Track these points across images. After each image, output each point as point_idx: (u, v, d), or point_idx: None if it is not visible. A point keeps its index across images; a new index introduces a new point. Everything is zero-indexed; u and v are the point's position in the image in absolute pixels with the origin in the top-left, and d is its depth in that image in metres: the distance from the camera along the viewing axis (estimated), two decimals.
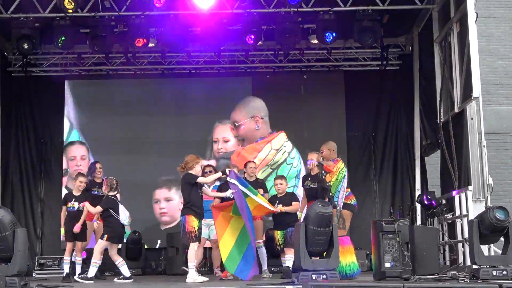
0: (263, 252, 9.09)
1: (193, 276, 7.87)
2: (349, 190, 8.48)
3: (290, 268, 8.00)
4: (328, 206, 7.13)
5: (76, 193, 8.95)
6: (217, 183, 8.94)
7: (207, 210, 8.39)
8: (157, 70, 12.54)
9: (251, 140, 12.13)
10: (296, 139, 12.14)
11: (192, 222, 7.89)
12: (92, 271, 8.35)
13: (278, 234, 8.50)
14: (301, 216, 8.50)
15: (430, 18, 10.30)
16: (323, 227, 7.12)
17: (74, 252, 9.04)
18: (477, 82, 8.21)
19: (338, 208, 8.22)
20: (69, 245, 8.91)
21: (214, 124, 12.31)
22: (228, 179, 8.22)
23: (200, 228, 8.01)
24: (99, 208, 8.48)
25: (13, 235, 7.02)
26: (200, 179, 8.04)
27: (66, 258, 8.97)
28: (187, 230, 7.87)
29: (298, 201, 8.54)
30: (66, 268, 8.94)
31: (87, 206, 8.62)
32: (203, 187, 8.17)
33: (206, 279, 8.05)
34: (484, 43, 12.78)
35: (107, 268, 10.28)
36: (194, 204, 7.97)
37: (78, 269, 8.99)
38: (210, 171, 9.26)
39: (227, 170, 8.28)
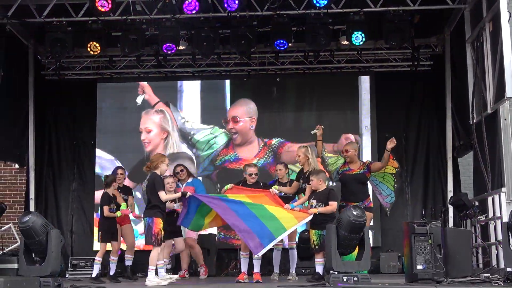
0: (294, 254, 9.13)
1: (154, 279, 7.87)
2: None
3: (321, 274, 7.93)
4: (363, 214, 7.12)
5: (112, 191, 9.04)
6: None
7: None
8: (187, 73, 12.62)
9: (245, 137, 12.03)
10: (324, 139, 12.07)
11: (160, 224, 7.92)
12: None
13: (313, 233, 8.14)
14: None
15: (461, 18, 10.19)
16: (354, 234, 7.14)
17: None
18: (511, 82, 8.10)
19: None
20: (103, 246, 8.92)
21: None
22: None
23: (163, 231, 8.06)
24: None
25: (47, 237, 7.16)
26: (163, 197, 7.98)
27: (98, 259, 8.98)
28: (154, 232, 7.85)
29: (337, 200, 8.18)
30: (97, 269, 8.98)
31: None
32: (160, 192, 8.04)
33: (175, 276, 8.18)
34: None
35: (139, 269, 10.38)
36: (160, 205, 7.98)
37: (113, 269, 9.07)
38: (182, 171, 9.52)
39: (188, 193, 8.31)
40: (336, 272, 6.99)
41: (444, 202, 11.41)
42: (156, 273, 8.11)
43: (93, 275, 8.97)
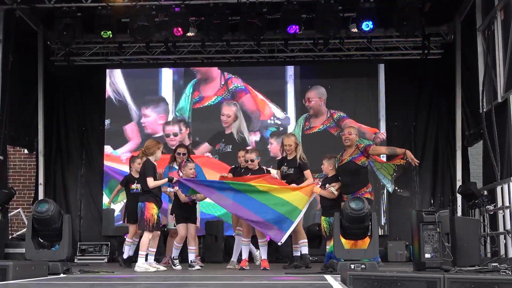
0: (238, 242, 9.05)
1: (143, 265, 7.85)
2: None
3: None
4: (361, 206, 7.13)
5: (136, 175, 8.93)
6: None
7: None
8: (196, 59, 12.60)
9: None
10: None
11: (152, 209, 7.92)
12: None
13: (323, 220, 8.31)
14: None
15: (473, 6, 10.12)
16: (356, 224, 7.18)
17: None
18: None
19: None
20: (132, 228, 8.92)
21: None
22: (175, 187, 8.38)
23: (159, 217, 8.06)
24: None
25: (61, 223, 7.23)
26: (150, 183, 7.98)
27: (129, 240, 8.98)
28: (146, 217, 7.87)
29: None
30: (128, 251, 8.97)
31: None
32: (148, 178, 8.04)
33: (163, 268, 8.07)
34: None
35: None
36: (152, 191, 8.00)
37: (127, 251, 9.04)
38: (184, 154, 9.22)
39: (174, 179, 8.24)
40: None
41: (453, 191, 11.41)
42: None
43: (125, 257, 9.02)
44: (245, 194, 8.24)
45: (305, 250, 8.43)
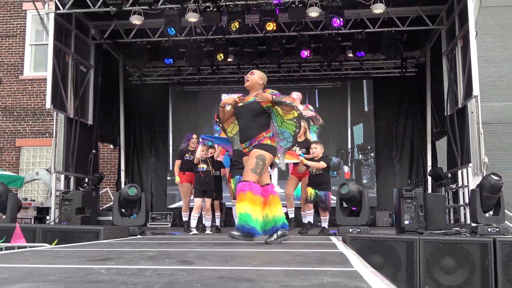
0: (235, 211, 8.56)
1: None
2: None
3: (327, 228, 7.47)
4: (347, 191, 6.97)
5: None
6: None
7: None
8: (234, 78, 12.61)
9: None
10: (333, 128, 11.97)
11: None
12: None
13: (310, 190, 7.30)
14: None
15: (439, 36, 9.98)
16: (348, 203, 7.11)
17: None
18: (476, 84, 7.91)
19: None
20: (198, 201, 7.72)
21: None
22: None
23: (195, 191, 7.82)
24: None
25: (140, 198, 7.30)
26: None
27: (195, 215, 7.76)
28: None
29: (327, 162, 7.27)
30: (193, 224, 7.79)
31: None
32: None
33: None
34: (482, 54, 12.29)
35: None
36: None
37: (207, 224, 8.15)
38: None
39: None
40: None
41: (425, 174, 11.26)
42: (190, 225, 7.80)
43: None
44: None
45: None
